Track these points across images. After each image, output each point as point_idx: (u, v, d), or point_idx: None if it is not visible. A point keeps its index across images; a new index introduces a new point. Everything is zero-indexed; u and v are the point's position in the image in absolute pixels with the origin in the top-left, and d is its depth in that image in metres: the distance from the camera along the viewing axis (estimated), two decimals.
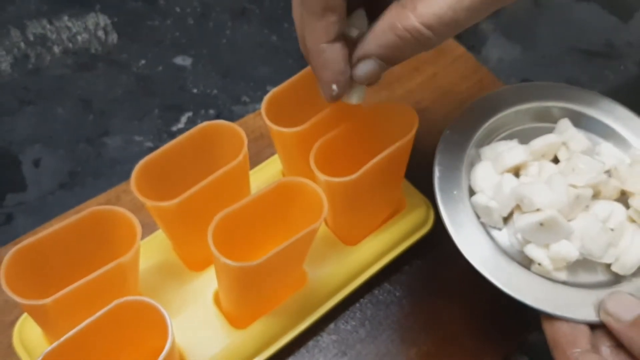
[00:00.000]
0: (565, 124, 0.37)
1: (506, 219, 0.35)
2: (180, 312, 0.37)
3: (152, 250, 0.39)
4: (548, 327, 0.32)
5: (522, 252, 0.34)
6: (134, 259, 0.32)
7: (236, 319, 0.37)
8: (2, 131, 0.50)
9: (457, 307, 0.42)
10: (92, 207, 0.32)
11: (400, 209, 0.42)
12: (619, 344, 0.30)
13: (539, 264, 0.33)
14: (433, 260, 0.43)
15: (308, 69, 0.38)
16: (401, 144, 0.35)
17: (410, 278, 0.43)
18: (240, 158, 0.34)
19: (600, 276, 0.34)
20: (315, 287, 0.38)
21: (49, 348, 0.28)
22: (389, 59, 0.30)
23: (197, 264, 0.38)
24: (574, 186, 0.33)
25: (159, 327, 0.29)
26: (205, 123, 0.35)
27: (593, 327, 0.32)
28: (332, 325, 0.41)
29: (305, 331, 0.38)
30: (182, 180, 0.34)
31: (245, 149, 0.34)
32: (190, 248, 0.38)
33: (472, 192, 0.36)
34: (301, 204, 0.33)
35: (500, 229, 0.35)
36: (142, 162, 0.34)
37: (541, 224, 0.32)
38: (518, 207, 0.34)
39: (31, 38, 0.55)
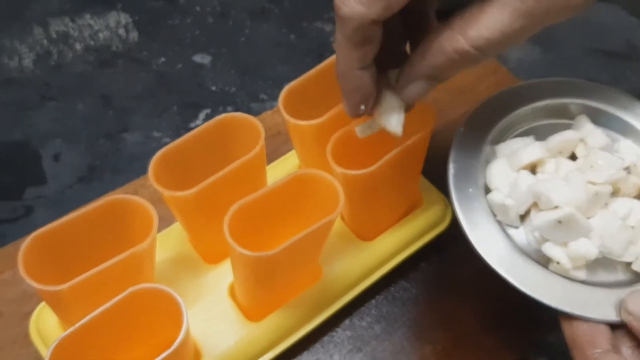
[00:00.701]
0: (583, 120, 0.37)
1: (523, 217, 0.35)
2: (196, 304, 0.37)
3: (168, 243, 0.39)
4: (567, 327, 0.32)
5: (539, 251, 0.34)
6: (150, 248, 0.32)
7: (251, 312, 0.37)
8: (24, 126, 0.50)
9: (473, 305, 0.41)
10: (110, 196, 0.32)
11: (417, 206, 0.42)
12: None
13: (557, 263, 0.32)
14: (450, 258, 0.43)
15: (324, 63, 0.38)
16: (418, 138, 0.35)
17: (427, 276, 0.42)
18: (257, 149, 0.34)
19: (620, 275, 0.34)
20: (331, 281, 0.38)
21: (64, 334, 0.28)
22: (438, 78, 0.31)
23: (213, 257, 0.39)
24: (592, 183, 0.32)
25: (174, 314, 0.29)
26: (223, 115, 0.35)
27: (613, 327, 0.31)
28: (347, 321, 0.40)
29: (320, 326, 0.38)
30: (200, 172, 0.34)
31: (262, 140, 0.34)
32: (206, 240, 0.38)
33: (487, 190, 0.36)
34: (317, 196, 0.33)
35: (516, 228, 0.35)
36: (160, 152, 0.34)
37: (559, 222, 0.31)
38: (535, 204, 0.34)
39: (54, 35, 0.56)
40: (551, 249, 0.32)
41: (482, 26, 0.28)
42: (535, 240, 0.34)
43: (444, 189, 0.43)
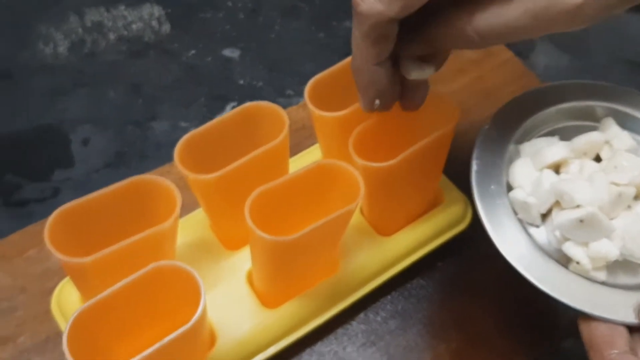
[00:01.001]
0: (609, 122, 0.37)
1: (544, 216, 0.35)
2: (213, 289, 0.37)
3: (190, 227, 0.40)
4: (585, 328, 0.31)
5: (559, 251, 0.34)
6: (172, 228, 0.32)
7: (267, 299, 0.37)
8: (56, 110, 0.52)
9: (490, 306, 0.41)
10: (135, 176, 0.33)
11: (438, 204, 0.42)
12: None
13: (578, 263, 0.32)
14: (468, 259, 0.43)
15: (348, 59, 0.38)
16: (441, 134, 0.35)
17: (444, 275, 0.42)
18: (281, 137, 0.34)
19: None
20: (347, 274, 0.39)
21: (85, 304, 0.29)
22: (434, 46, 0.31)
23: (233, 243, 0.39)
24: (616, 184, 0.32)
25: (192, 293, 0.29)
26: (249, 103, 0.36)
27: (632, 330, 0.31)
28: (362, 315, 0.41)
29: (334, 317, 0.39)
30: (224, 158, 0.35)
31: (286, 129, 0.35)
32: (227, 226, 0.38)
33: (510, 188, 0.36)
34: (338, 186, 0.34)
35: (537, 226, 0.35)
36: (186, 136, 0.35)
37: (581, 221, 0.31)
38: (557, 203, 0.34)
39: (88, 24, 0.57)
40: (572, 249, 0.32)
41: (490, 15, 0.28)
42: (555, 240, 0.34)
43: (465, 189, 0.43)
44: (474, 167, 0.36)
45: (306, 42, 0.57)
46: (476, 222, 0.42)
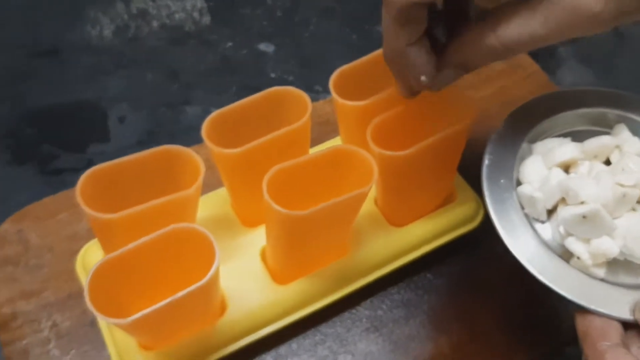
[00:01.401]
0: (621, 128, 0.38)
1: (550, 213, 0.36)
2: (228, 261, 0.39)
3: (212, 204, 0.42)
4: (580, 321, 0.32)
5: (562, 246, 0.35)
6: (194, 195, 0.34)
7: (278, 275, 0.39)
8: (97, 88, 0.55)
9: (494, 304, 0.42)
10: (165, 145, 0.35)
11: (451, 201, 0.43)
12: None
13: (578, 258, 0.33)
14: (476, 257, 0.44)
15: (377, 52, 0.40)
16: (458, 129, 0.36)
17: (451, 270, 0.44)
18: (303, 120, 0.36)
19: None
20: (357, 259, 0.40)
21: (105, 257, 0.31)
22: (466, 68, 0.33)
23: (251, 220, 0.41)
24: (621, 185, 0.33)
25: (207, 254, 0.31)
26: (274, 88, 0.38)
27: (627, 327, 0.32)
28: (368, 301, 0.42)
29: (341, 300, 0.40)
30: (248, 137, 0.37)
31: (309, 112, 0.36)
32: (245, 202, 0.40)
33: (519, 184, 0.37)
34: (353, 170, 0.35)
35: (543, 222, 0.36)
36: (215, 113, 0.37)
37: (584, 217, 0.32)
38: (563, 200, 0.35)
39: (134, 11, 0.60)
40: (573, 244, 0.33)
41: (513, 27, 0.29)
42: (559, 236, 0.35)
43: (478, 190, 0.44)
44: (486, 161, 0.37)
45: (338, 42, 0.59)
46: (487, 222, 0.43)
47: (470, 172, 0.44)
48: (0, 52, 0.57)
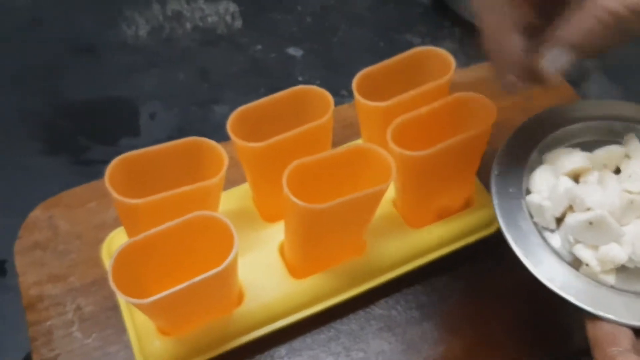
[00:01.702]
0: (630, 138, 0.38)
1: (559, 222, 0.36)
2: (247, 254, 0.40)
3: (234, 198, 0.43)
4: (591, 328, 0.33)
5: (572, 254, 0.35)
6: (217, 185, 0.36)
7: (296, 270, 0.40)
8: (130, 86, 0.57)
9: (508, 311, 0.42)
10: (191, 137, 0.37)
11: (469, 205, 0.43)
12: None
13: (587, 265, 0.33)
14: (492, 263, 0.44)
15: (399, 55, 0.41)
16: (477, 133, 0.37)
17: (466, 275, 0.44)
18: (325, 117, 0.37)
19: None
20: (373, 258, 0.41)
21: (129, 240, 0.32)
22: (584, 48, 0.29)
23: (271, 215, 0.42)
24: (628, 192, 0.33)
25: (227, 242, 0.32)
26: (299, 86, 0.39)
27: (637, 334, 0.32)
28: (382, 301, 0.42)
29: (356, 298, 0.41)
30: (272, 133, 0.38)
31: (331, 110, 0.37)
32: (267, 197, 0.41)
33: (528, 193, 0.38)
34: (371, 168, 0.36)
35: (552, 231, 0.36)
36: (240, 108, 0.38)
37: (590, 223, 0.32)
38: (571, 208, 0.35)
39: (169, 13, 0.62)
40: (581, 251, 0.33)
41: None
42: (568, 244, 0.35)
43: None
44: (495, 171, 0.37)
45: (366, 48, 0.60)
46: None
47: (488, 177, 0.44)
48: (42, 48, 0.59)
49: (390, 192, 0.42)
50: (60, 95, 0.55)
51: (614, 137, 0.40)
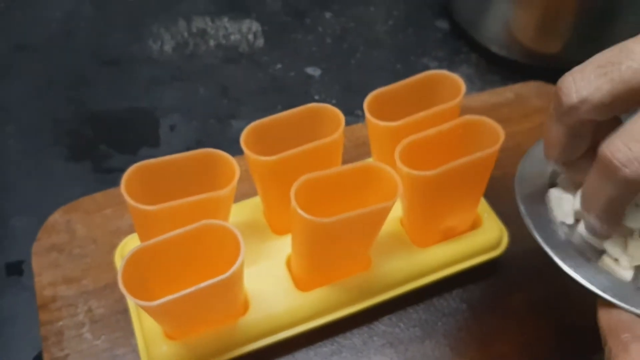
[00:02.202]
0: None
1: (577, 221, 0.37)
2: (255, 265, 0.41)
3: (246, 210, 0.44)
4: (604, 316, 0.32)
5: (591, 247, 0.35)
6: (228, 196, 0.37)
7: (302, 282, 0.41)
8: (152, 98, 0.58)
9: (512, 334, 0.42)
10: (205, 148, 0.38)
11: (476, 227, 0.44)
12: None
13: (616, 259, 0.34)
14: (497, 286, 0.45)
15: (411, 78, 0.42)
16: (484, 155, 0.37)
17: (471, 296, 0.44)
18: (336, 134, 0.38)
19: None
20: (378, 274, 0.41)
21: (139, 245, 0.34)
22: (606, 218, 0.32)
23: (280, 228, 0.43)
24: None
25: (234, 251, 0.33)
26: (311, 104, 0.40)
27: None
28: (386, 318, 0.43)
29: (360, 313, 0.41)
30: (283, 148, 0.39)
31: (342, 128, 0.38)
32: (276, 210, 0.42)
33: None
34: (379, 186, 0.37)
35: (570, 224, 0.36)
36: (254, 123, 0.39)
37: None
38: None
39: (194, 30, 0.64)
40: (611, 246, 0.34)
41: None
42: (588, 237, 0.36)
43: (504, 220, 0.45)
44: (521, 165, 0.39)
45: (383, 70, 0.61)
46: (510, 251, 0.44)
47: (496, 201, 0.45)
48: (71, 59, 0.61)
49: (398, 211, 0.43)
50: (86, 105, 0.57)
51: None
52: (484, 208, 0.45)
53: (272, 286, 0.41)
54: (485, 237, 0.44)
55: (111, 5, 0.66)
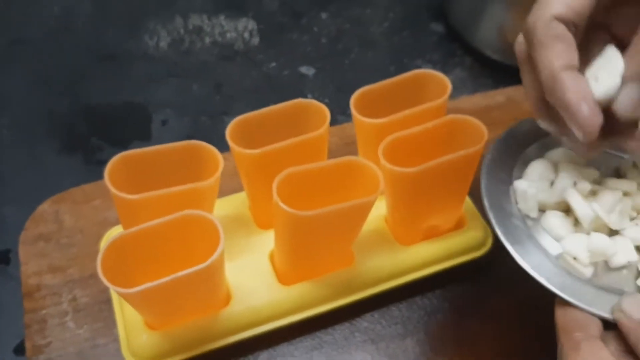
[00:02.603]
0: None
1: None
2: (238, 259, 0.42)
3: (231, 205, 0.45)
4: (560, 314, 0.33)
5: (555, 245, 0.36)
6: (212, 186, 0.37)
7: (284, 276, 0.41)
8: (146, 93, 0.59)
9: (494, 332, 0.43)
10: (190, 140, 0.38)
11: (460, 227, 0.44)
12: (627, 349, 0.30)
13: (575, 258, 0.34)
14: (480, 285, 0.45)
15: (396, 77, 0.42)
16: (467, 153, 0.38)
17: (454, 295, 0.44)
18: (321, 130, 0.38)
19: (626, 287, 0.35)
20: (361, 271, 0.42)
21: (121, 232, 0.34)
22: None
23: (265, 222, 0.43)
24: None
25: (214, 241, 0.34)
26: (297, 99, 0.40)
27: (606, 328, 0.32)
28: (368, 315, 0.43)
29: (342, 309, 0.41)
30: (269, 142, 0.39)
31: (327, 123, 0.39)
32: (261, 204, 0.43)
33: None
34: (361, 182, 0.37)
35: (534, 218, 0.37)
36: (239, 117, 0.40)
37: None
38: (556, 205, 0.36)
39: (190, 27, 0.65)
40: (571, 243, 0.34)
41: None
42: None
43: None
44: (489, 155, 0.39)
45: (376, 71, 0.62)
46: (494, 251, 0.44)
47: (479, 198, 0.45)
48: (68, 54, 0.62)
49: (382, 209, 0.43)
50: (81, 99, 0.58)
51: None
52: (468, 208, 0.45)
53: (255, 279, 0.41)
54: (469, 237, 0.44)
55: (109, 2, 0.67)
